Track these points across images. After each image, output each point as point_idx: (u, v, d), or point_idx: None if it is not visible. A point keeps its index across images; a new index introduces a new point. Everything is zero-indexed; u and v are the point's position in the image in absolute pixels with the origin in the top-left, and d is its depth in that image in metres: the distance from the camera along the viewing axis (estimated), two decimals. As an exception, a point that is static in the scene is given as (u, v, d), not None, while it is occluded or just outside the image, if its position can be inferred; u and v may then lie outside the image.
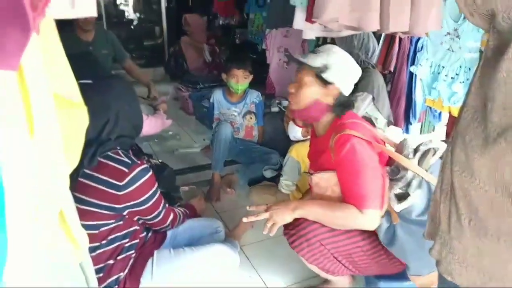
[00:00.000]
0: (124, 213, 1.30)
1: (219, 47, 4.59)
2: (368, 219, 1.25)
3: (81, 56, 2.25)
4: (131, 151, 2.10)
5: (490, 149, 0.62)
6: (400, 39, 2.48)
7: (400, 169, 1.29)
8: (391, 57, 2.53)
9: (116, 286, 1.34)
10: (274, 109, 2.85)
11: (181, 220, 1.57)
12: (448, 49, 1.97)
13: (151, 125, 2.23)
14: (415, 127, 2.80)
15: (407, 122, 2.75)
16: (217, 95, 2.66)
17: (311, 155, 1.56)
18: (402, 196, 1.26)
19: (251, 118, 2.65)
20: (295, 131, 2.15)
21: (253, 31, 3.78)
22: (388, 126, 2.05)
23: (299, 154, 2.11)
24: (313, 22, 1.63)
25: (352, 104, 1.41)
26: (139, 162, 1.27)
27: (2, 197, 0.57)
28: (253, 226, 2.01)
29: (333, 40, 2.52)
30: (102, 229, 1.27)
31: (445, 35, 1.96)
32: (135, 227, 1.38)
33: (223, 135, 2.34)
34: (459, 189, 0.68)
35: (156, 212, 1.38)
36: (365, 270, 1.39)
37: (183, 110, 3.92)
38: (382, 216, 1.27)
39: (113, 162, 1.24)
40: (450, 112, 2.21)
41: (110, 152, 1.25)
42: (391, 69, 2.60)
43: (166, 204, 1.46)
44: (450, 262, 0.73)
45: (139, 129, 1.42)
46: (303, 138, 2.18)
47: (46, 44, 0.85)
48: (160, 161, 2.27)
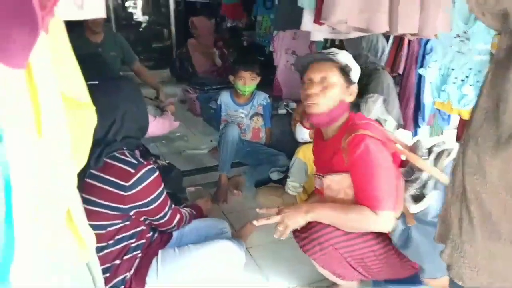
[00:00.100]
0: (131, 213, 1.30)
1: (227, 49, 4.60)
2: (383, 221, 1.22)
3: (89, 57, 2.27)
4: (138, 152, 2.12)
5: (502, 150, 0.61)
6: (409, 41, 2.45)
7: (415, 170, 1.27)
8: (400, 59, 2.51)
9: (122, 286, 1.34)
10: (282, 111, 2.85)
11: (187, 221, 1.56)
12: (458, 51, 1.94)
13: (158, 126, 2.24)
14: (423, 130, 2.77)
15: (416, 125, 2.72)
16: (224, 97, 2.67)
17: (317, 159, 1.53)
18: (418, 198, 1.23)
19: (258, 120, 2.64)
20: (302, 133, 2.14)
21: (260, 33, 3.78)
22: (397, 128, 2.03)
23: (306, 156, 2.10)
24: (321, 24, 1.62)
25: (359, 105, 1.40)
26: (145, 163, 1.27)
27: (10, 195, 0.58)
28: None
29: (341, 42, 2.51)
30: (109, 229, 1.27)
31: (454, 37, 1.93)
32: (141, 227, 1.38)
33: (230, 136, 2.34)
34: (470, 191, 0.67)
35: (162, 212, 1.38)
36: (376, 275, 1.37)
37: (191, 111, 3.93)
38: (398, 218, 1.24)
39: (119, 162, 1.24)
40: (459, 115, 2.19)
41: (116, 153, 1.26)
42: (400, 71, 2.57)
43: (173, 204, 1.46)
44: (461, 266, 0.71)
45: (145, 130, 1.43)
46: (311, 140, 2.17)
47: (55, 44, 0.86)
48: (168, 162, 2.28)
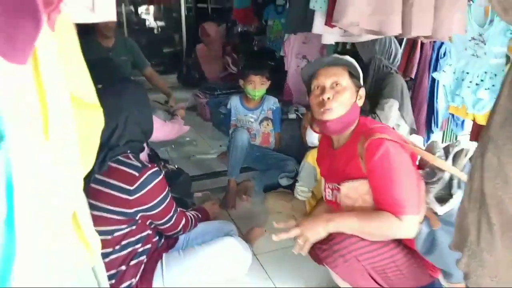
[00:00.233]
0: (137, 217, 1.29)
1: (237, 54, 4.60)
2: (408, 226, 1.18)
3: (100, 61, 2.29)
4: (147, 156, 2.12)
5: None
6: (422, 45, 2.42)
7: (436, 171, 1.23)
8: (413, 63, 2.47)
9: (128, 292, 1.33)
10: (292, 115, 2.82)
11: (193, 224, 1.55)
12: (473, 54, 1.90)
13: (168, 130, 2.23)
14: (436, 136, 2.72)
15: (429, 130, 2.67)
16: (234, 101, 2.66)
17: (327, 169, 1.48)
18: (443, 199, 1.20)
19: (268, 125, 2.62)
20: (312, 137, 2.11)
21: (271, 38, 3.77)
22: (410, 134, 1.98)
23: (315, 160, 2.06)
24: (332, 27, 1.60)
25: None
26: (149, 166, 1.26)
27: (11, 195, 0.56)
28: (266, 230, 1.98)
29: (352, 46, 2.49)
30: (115, 234, 1.26)
31: (469, 40, 1.89)
32: (147, 231, 1.37)
33: (240, 141, 2.32)
34: (490, 197, 0.63)
35: (167, 216, 1.36)
36: (396, 285, 1.31)
37: (201, 116, 3.94)
38: (421, 222, 1.20)
39: (123, 166, 1.23)
40: (474, 120, 2.13)
41: (120, 156, 1.25)
42: (413, 75, 2.53)
43: (178, 208, 1.45)
44: (480, 276, 0.68)
45: (150, 133, 1.42)
46: (321, 144, 2.14)
47: (63, 44, 0.85)
48: (177, 166, 2.27)
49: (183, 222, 1.46)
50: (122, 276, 1.31)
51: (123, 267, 1.31)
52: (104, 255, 1.26)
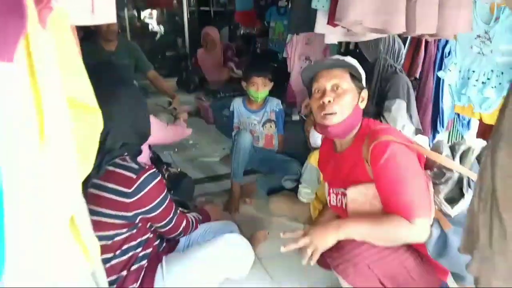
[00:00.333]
0: (136, 220, 1.26)
1: (239, 57, 4.58)
2: (420, 230, 1.14)
3: (101, 65, 2.28)
4: (150, 160, 2.10)
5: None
6: (426, 44, 2.38)
7: (444, 171, 1.20)
8: (417, 63, 2.44)
9: (130, 298, 1.31)
10: (295, 117, 2.80)
11: (194, 226, 1.52)
12: (479, 52, 1.86)
13: (170, 134, 2.21)
14: (442, 136, 2.68)
15: (434, 130, 2.64)
16: (237, 104, 2.64)
17: (330, 174, 1.44)
18: (453, 199, 1.16)
19: (271, 127, 2.60)
20: (316, 138, 2.08)
21: (274, 39, 3.76)
22: (416, 134, 1.95)
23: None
24: (335, 26, 1.58)
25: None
26: (146, 167, 1.24)
27: (1, 200, 0.54)
28: (268, 233, 1.95)
29: (355, 46, 2.46)
30: (115, 239, 1.24)
31: (475, 38, 1.86)
32: (148, 235, 1.34)
33: (242, 144, 2.30)
34: (503, 197, 0.60)
35: (167, 218, 1.34)
36: None
37: (204, 119, 3.92)
38: (431, 225, 1.16)
39: (120, 169, 1.21)
40: (480, 119, 2.10)
41: (117, 159, 1.23)
42: (417, 75, 2.50)
43: (178, 210, 1.42)
44: (492, 280, 0.65)
45: (146, 135, 1.39)
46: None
47: (60, 44, 0.83)
48: (179, 170, 2.26)
49: (184, 224, 1.44)
50: (123, 282, 1.28)
51: (124, 272, 1.29)
52: (105, 261, 1.24)
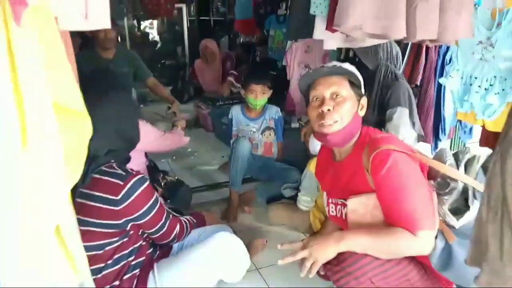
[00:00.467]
0: (127, 228, 1.23)
1: (238, 66, 4.55)
2: (424, 242, 1.10)
3: (99, 72, 2.25)
4: (146, 168, 2.06)
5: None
6: (427, 51, 2.36)
7: (448, 180, 1.16)
8: (418, 70, 2.41)
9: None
10: (294, 124, 2.77)
11: (188, 231, 1.47)
12: (481, 58, 1.83)
13: (167, 141, 2.18)
14: (444, 144, 2.64)
15: (436, 138, 2.60)
16: (235, 111, 2.62)
17: (329, 184, 1.39)
18: (458, 211, 1.12)
19: (270, 134, 2.57)
20: (316, 146, 2.04)
21: (273, 48, 3.74)
22: (418, 141, 1.90)
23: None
24: (334, 31, 1.55)
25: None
26: (134, 173, 1.21)
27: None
28: (267, 241, 1.90)
29: (354, 54, 2.42)
30: (106, 248, 1.20)
31: (476, 44, 1.82)
32: (140, 242, 1.31)
33: (241, 151, 2.26)
34: (515, 206, 0.56)
35: (159, 224, 1.30)
36: None
37: (203, 127, 3.90)
38: (435, 237, 1.12)
39: (107, 176, 1.18)
40: (483, 126, 2.06)
41: (103, 167, 1.19)
42: (418, 82, 2.47)
43: (170, 214, 1.38)
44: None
45: (134, 143, 1.36)
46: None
47: (47, 49, 0.80)
48: (176, 178, 2.22)
49: (178, 228, 1.40)
50: (115, 292, 1.24)
51: (117, 282, 1.25)
52: (97, 271, 1.21)
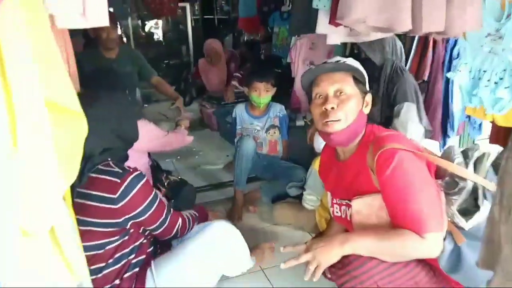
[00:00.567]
0: (127, 226, 1.21)
1: (242, 64, 4.51)
2: (431, 245, 1.05)
3: (102, 72, 2.24)
4: (149, 167, 2.04)
5: None
6: (434, 45, 2.31)
7: (457, 180, 1.11)
8: (425, 64, 2.36)
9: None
10: (299, 122, 2.73)
11: (191, 225, 1.44)
12: (490, 51, 1.78)
13: (170, 141, 2.16)
14: (452, 140, 2.58)
15: (444, 135, 2.54)
16: (239, 110, 2.59)
17: (333, 184, 1.35)
18: (467, 211, 1.08)
19: (274, 133, 2.53)
20: (320, 143, 2.00)
21: (277, 45, 3.70)
22: (426, 136, 1.85)
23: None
24: (337, 25, 1.51)
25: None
26: (131, 170, 1.19)
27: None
28: (274, 242, 1.86)
29: (359, 50, 2.37)
30: (107, 248, 1.19)
31: (485, 37, 1.77)
32: (141, 240, 1.29)
33: (245, 150, 2.23)
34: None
35: (159, 220, 1.28)
36: None
37: (208, 126, 3.87)
38: (444, 239, 1.07)
39: (104, 174, 1.17)
40: (493, 121, 2.00)
41: (100, 165, 1.18)
42: (425, 78, 2.42)
43: (171, 209, 1.36)
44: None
45: (131, 141, 1.35)
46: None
47: (39, 46, 0.78)
48: (180, 177, 2.20)
49: (180, 223, 1.37)
50: (116, 291, 1.23)
51: (117, 281, 1.24)
52: (97, 271, 1.20)
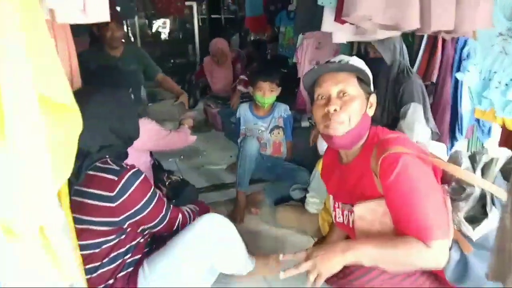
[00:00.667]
0: (125, 226, 1.18)
1: (249, 63, 4.47)
2: (437, 253, 1.00)
3: (105, 69, 2.22)
4: (151, 167, 2.01)
5: None
6: (443, 45, 2.25)
7: (464, 185, 1.06)
8: (434, 65, 2.30)
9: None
10: (304, 123, 2.68)
11: (191, 220, 1.41)
12: (501, 51, 1.73)
13: (172, 140, 2.13)
14: (460, 144, 2.52)
15: (452, 138, 2.48)
16: (243, 109, 2.55)
17: (335, 187, 1.31)
18: (475, 219, 1.03)
19: (279, 133, 2.49)
20: (323, 145, 1.96)
21: (284, 45, 3.67)
22: (433, 138, 1.80)
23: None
24: (343, 22, 1.47)
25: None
26: (128, 167, 1.17)
27: None
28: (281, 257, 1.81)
29: (366, 50, 2.32)
30: (103, 246, 1.17)
31: (496, 36, 1.72)
32: (138, 239, 1.26)
33: (249, 151, 2.20)
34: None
35: (159, 217, 1.25)
36: None
37: (213, 126, 3.85)
38: (450, 248, 1.03)
39: (101, 172, 1.14)
40: (503, 125, 1.95)
41: (98, 163, 1.16)
42: (434, 79, 2.36)
43: (171, 205, 1.33)
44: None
45: (131, 139, 1.32)
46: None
47: (33, 39, 0.75)
48: (181, 177, 2.17)
49: (180, 218, 1.34)
50: (109, 289, 1.20)
51: (111, 281, 1.22)
52: (92, 270, 1.17)
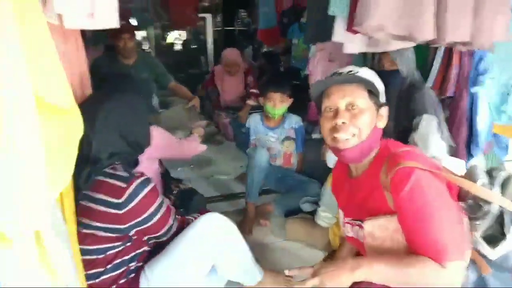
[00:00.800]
0: (131, 233, 1.17)
1: (260, 77, 4.46)
2: (452, 274, 0.95)
3: (118, 77, 2.23)
4: (160, 175, 2.00)
5: None
6: (460, 58, 2.19)
7: (481, 203, 1.01)
8: (449, 79, 2.25)
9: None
10: (316, 135, 2.64)
11: None
12: (520, 65, 1.68)
13: (181, 149, 2.12)
14: (477, 161, 2.44)
15: (469, 154, 2.40)
16: (253, 120, 2.54)
17: (344, 202, 1.26)
18: (493, 238, 0.98)
19: (289, 145, 2.47)
20: (331, 158, 1.92)
21: (296, 57, 3.67)
22: (449, 153, 1.74)
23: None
24: (355, 33, 1.44)
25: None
26: (137, 175, 1.16)
27: None
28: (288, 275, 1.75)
29: (379, 60, 2.26)
30: (108, 253, 1.16)
31: (515, 49, 1.67)
32: (144, 248, 1.24)
33: (258, 161, 2.17)
34: None
35: (166, 226, 1.23)
36: None
37: (224, 136, 3.84)
38: (467, 268, 0.98)
39: (109, 178, 1.13)
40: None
41: (107, 169, 1.15)
42: (450, 93, 2.30)
43: (177, 216, 1.31)
44: None
45: (142, 147, 1.31)
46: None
47: (32, 40, 0.74)
48: (190, 186, 2.15)
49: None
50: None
51: (114, 287, 1.20)
52: (95, 276, 1.16)
